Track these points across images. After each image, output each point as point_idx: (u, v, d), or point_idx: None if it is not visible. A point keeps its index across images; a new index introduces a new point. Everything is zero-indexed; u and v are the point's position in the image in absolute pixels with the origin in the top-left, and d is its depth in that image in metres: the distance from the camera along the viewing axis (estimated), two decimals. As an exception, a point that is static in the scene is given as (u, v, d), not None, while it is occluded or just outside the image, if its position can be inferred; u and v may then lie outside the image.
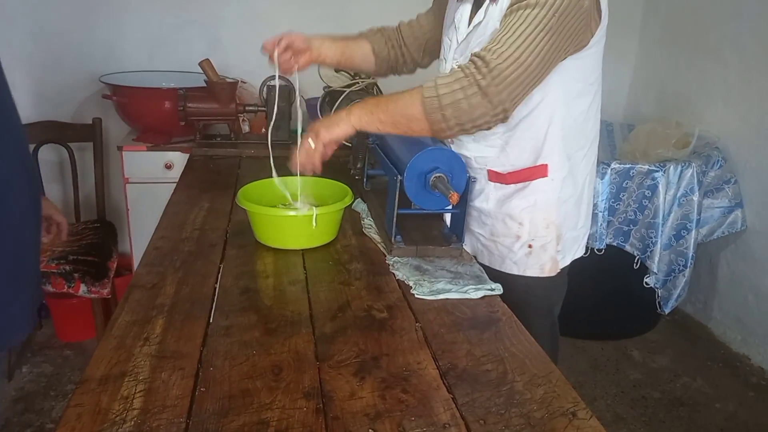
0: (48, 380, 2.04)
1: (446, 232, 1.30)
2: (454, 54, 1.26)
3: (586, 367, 2.25)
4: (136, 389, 0.78)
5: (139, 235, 2.17)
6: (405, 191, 1.19)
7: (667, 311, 2.24)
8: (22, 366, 2.08)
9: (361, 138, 1.59)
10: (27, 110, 2.28)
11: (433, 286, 1.10)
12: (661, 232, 2.12)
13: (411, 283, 1.11)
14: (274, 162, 1.36)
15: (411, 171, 1.18)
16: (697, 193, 2.16)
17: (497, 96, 1.02)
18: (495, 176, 1.25)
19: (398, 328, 0.96)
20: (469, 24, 1.22)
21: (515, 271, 1.27)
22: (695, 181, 2.14)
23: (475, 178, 1.25)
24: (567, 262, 1.30)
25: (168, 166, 2.15)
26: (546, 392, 0.81)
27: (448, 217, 1.34)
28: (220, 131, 2.29)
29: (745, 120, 2.34)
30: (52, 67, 2.36)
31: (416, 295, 1.07)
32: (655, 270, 2.15)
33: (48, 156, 2.35)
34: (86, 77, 2.34)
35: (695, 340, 2.48)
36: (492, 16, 1.14)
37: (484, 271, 1.18)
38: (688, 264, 2.19)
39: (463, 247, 1.27)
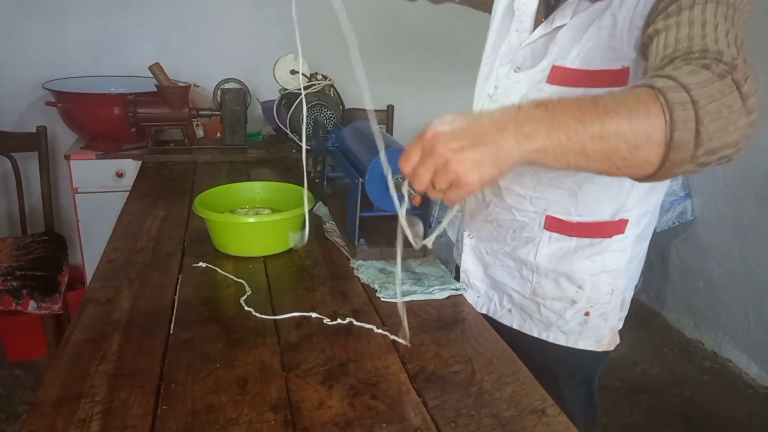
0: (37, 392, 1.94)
1: (409, 233, 1.30)
2: (513, 56, 0.96)
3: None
4: (93, 411, 0.74)
5: (90, 247, 2.09)
6: (367, 193, 1.18)
7: (624, 301, 2.30)
8: (-32, 389, 1.97)
9: (320, 141, 1.57)
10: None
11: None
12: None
13: (376, 287, 1.10)
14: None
15: (372, 173, 1.17)
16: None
17: (753, 103, 0.64)
18: (555, 225, 0.99)
19: (365, 333, 0.95)
20: (541, 18, 0.92)
21: (562, 341, 1.05)
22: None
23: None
24: (620, 326, 1.07)
25: (119, 175, 2.07)
26: (514, 390, 0.81)
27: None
28: (173, 137, 2.24)
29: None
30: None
31: (382, 298, 1.06)
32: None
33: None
34: (29, 84, 2.24)
35: (651, 328, 2.56)
36: (581, 25, 0.84)
37: (448, 271, 1.18)
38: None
39: (427, 248, 1.26)
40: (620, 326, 1.08)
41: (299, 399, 0.78)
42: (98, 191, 2.06)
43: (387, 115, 2.75)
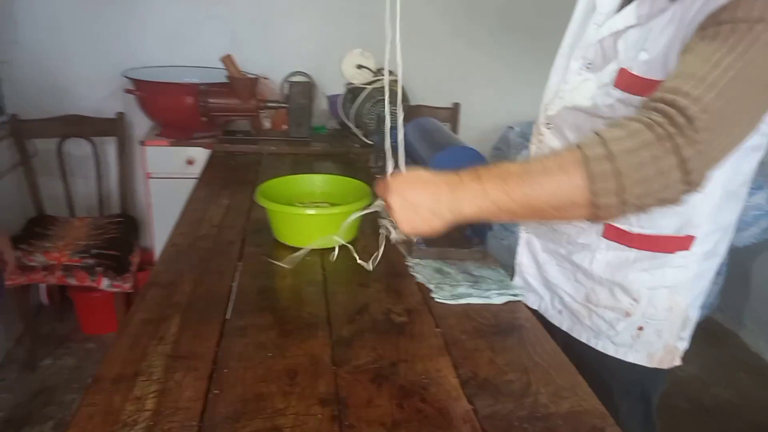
0: (70, 373, 2.05)
1: (468, 234, 1.27)
2: (586, 51, 0.92)
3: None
4: (149, 390, 0.76)
5: (161, 230, 2.17)
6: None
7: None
8: (44, 358, 2.09)
9: (382, 136, 1.56)
10: (50, 104, 2.29)
11: (455, 290, 1.06)
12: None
13: (431, 287, 1.08)
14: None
15: (433, 170, 1.15)
16: (730, 197, 2.08)
17: (698, 165, 0.66)
18: (614, 233, 0.94)
19: (418, 333, 0.93)
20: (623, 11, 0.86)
21: (611, 351, 1.00)
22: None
23: None
24: (686, 347, 1.02)
25: (189, 162, 2.14)
26: (572, 406, 0.77)
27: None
28: (241, 128, 2.29)
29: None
30: (76, 61, 2.37)
31: (436, 299, 1.04)
32: (685, 276, 2.08)
33: (72, 150, 2.37)
34: (109, 72, 2.35)
35: (726, 349, 2.40)
36: (652, 28, 0.81)
37: (507, 275, 1.14)
38: (722, 270, 2.12)
39: (487, 250, 1.23)
40: (686, 346, 1.01)
41: (347, 395, 0.77)
42: (169, 177, 2.14)
43: (453, 113, 2.71)
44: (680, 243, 0.92)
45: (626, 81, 0.84)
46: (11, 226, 2.06)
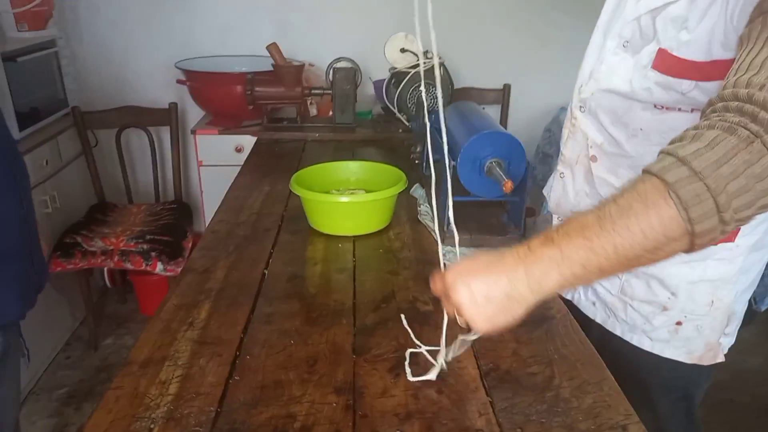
0: (129, 351, 2.16)
1: (505, 221, 1.24)
2: (623, 29, 0.86)
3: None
4: (174, 374, 0.79)
5: (212, 216, 2.23)
6: (459, 177, 1.14)
7: (762, 308, 2.03)
8: (107, 337, 2.22)
9: (421, 120, 1.54)
10: (111, 96, 2.40)
11: (485, 278, 1.04)
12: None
13: (461, 275, 1.06)
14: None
15: (465, 156, 1.13)
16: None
17: None
18: None
19: (442, 323, 0.92)
20: None
21: (647, 346, 0.96)
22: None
23: (563, 174, 1.01)
24: (732, 342, 0.97)
25: (238, 150, 2.19)
26: (595, 401, 0.74)
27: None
28: (289, 115, 2.32)
29: None
30: (133, 54, 2.47)
31: (465, 288, 1.02)
32: (749, 263, 1.95)
33: (130, 140, 2.48)
34: (164, 63, 2.43)
35: (796, 341, 2.25)
36: (693, 4, 0.74)
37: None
38: (789, 257, 1.98)
39: (522, 238, 1.19)
40: (731, 341, 0.95)
41: (364, 384, 0.77)
42: (220, 165, 2.19)
43: (503, 95, 2.64)
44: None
45: (665, 62, 0.78)
46: (76, 212, 2.18)
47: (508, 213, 1.26)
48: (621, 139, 0.88)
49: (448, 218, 1.19)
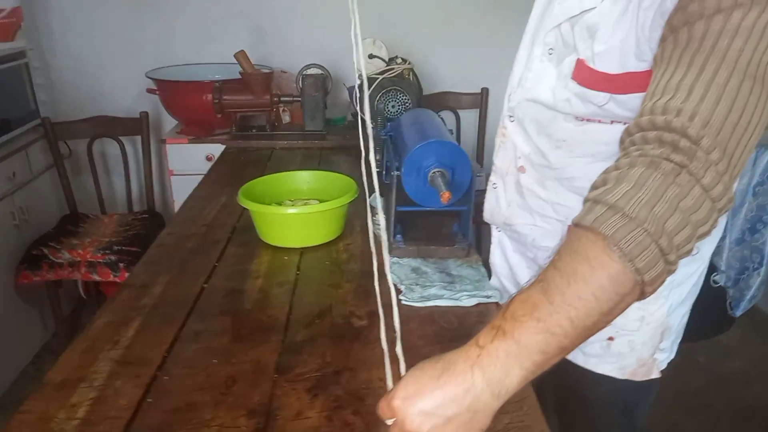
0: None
1: (454, 231, 1.21)
2: (547, 36, 0.83)
3: (644, 370, 2.07)
4: (87, 397, 0.77)
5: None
6: (403, 186, 1.12)
7: (738, 313, 2.00)
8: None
9: (379, 128, 1.52)
10: (86, 106, 2.39)
11: (425, 291, 1.02)
12: (731, 225, 1.89)
13: (403, 288, 1.04)
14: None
15: (409, 165, 1.11)
16: (776, 181, 1.90)
17: (723, 188, 0.54)
18: None
19: (374, 339, 0.90)
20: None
21: (580, 361, 0.93)
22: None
23: (496, 184, 0.99)
24: (671, 357, 0.94)
25: (209, 158, 2.18)
26: (511, 421, 0.72)
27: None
28: (260, 123, 2.30)
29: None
30: (108, 64, 2.46)
31: (403, 302, 1.00)
32: (723, 268, 1.93)
33: (105, 150, 2.46)
34: (139, 72, 2.42)
35: (776, 345, 2.22)
36: (607, 14, 0.71)
37: (486, 275, 1.08)
38: (765, 261, 1.94)
39: (472, 247, 1.17)
40: (669, 356, 0.92)
41: (279, 406, 0.75)
42: (190, 174, 2.17)
43: (481, 98, 2.62)
44: None
45: (582, 73, 0.76)
46: (46, 224, 2.17)
47: (458, 222, 1.24)
48: (546, 150, 0.86)
49: (393, 230, 1.17)
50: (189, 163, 2.20)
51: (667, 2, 0.63)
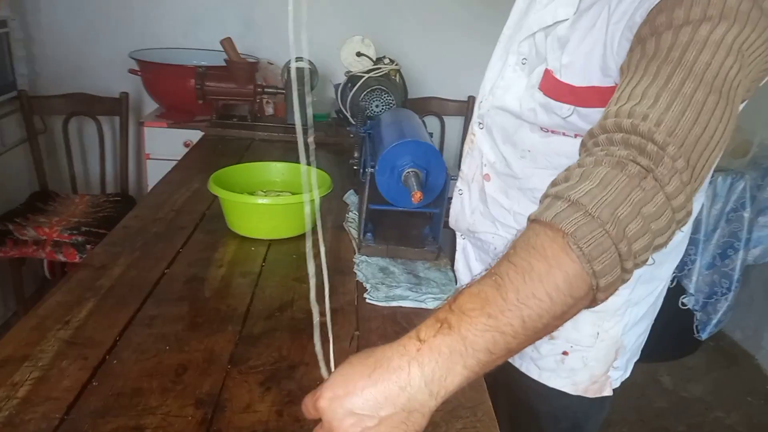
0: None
1: (425, 233, 1.20)
2: (521, 45, 0.82)
3: (608, 387, 2.08)
4: (29, 376, 0.74)
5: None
6: (377, 185, 1.10)
7: (704, 336, 2.03)
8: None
9: (359, 127, 1.51)
10: (66, 82, 2.34)
11: (391, 291, 1.00)
12: (702, 249, 1.91)
13: (368, 286, 1.02)
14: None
15: (383, 164, 1.09)
16: (748, 209, 1.93)
17: (685, 198, 0.53)
18: None
19: (334, 336, 0.88)
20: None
21: (534, 375, 0.92)
22: (747, 195, 1.91)
23: (462, 190, 0.99)
24: (625, 376, 0.93)
25: (187, 145, 2.14)
26: (464, 426, 0.71)
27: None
28: (243, 112, 2.27)
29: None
30: (92, 41, 2.41)
31: (368, 300, 0.98)
32: (692, 291, 1.95)
33: (82, 128, 2.41)
34: (124, 52, 2.37)
35: (738, 371, 2.24)
36: (578, 26, 0.71)
37: (453, 279, 1.07)
38: (733, 287, 1.97)
39: (441, 250, 1.16)
40: (624, 375, 0.92)
41: (229, 397, 0.73)
42: (167, 159, 2.13)
43: (467, 106, 2.62)
44: None
45: (548, 84, 0.76)
46: (16, 200, 2.11)
47: (429, 224, 1.23)
48: (511, 159, 0.85)
49: (363, 228, 1.16)
50: (166, 147, 2.16)
51: (636, 17, 0.63)
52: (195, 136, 2.15)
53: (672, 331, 2.22)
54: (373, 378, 0.50)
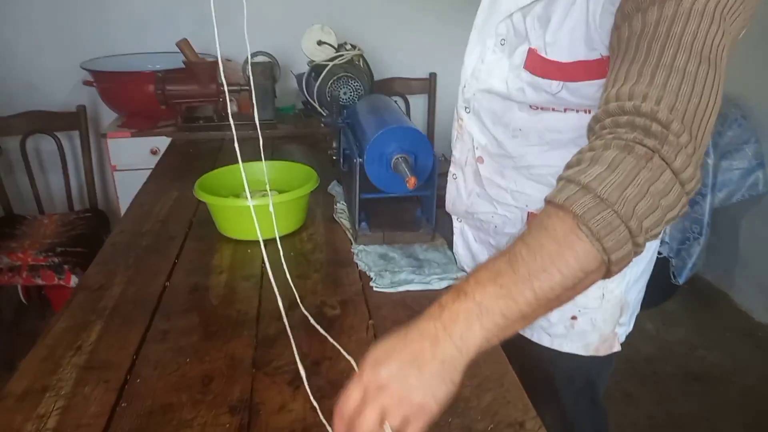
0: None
1: (418, 216, 1.22)
2: (498, 26, 0.84)
3: (596, 341, 2.16)
4: (54, 406, 0.73)
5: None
6: (366, 174, 1.11)
7: (681, 281, 2.12)
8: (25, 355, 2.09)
9: (333, 117, 1.51)
10: (17, 101, 2.25)
11: (395, 276, 1.02)
12: (672, 198, 1.99)
13: (372, 275, 1.04)
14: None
15: (371, 152, 1.10)
16: (712, 156, 2.01)
17: (693, 170, 0.57)
18: None
19: (348, 327, 0.90)
20: None
21: (546, 342, 0.96)
22: (710, 142, 1.98)
23: (456, 175, 1.01)
24: (629, 330, 0.98)
25: (154, 152, 2.10)
26: (494, 398, 0.73)
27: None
28: (207, 113, 2.23)
29: (766, 72, 2.15)
30: (40, 55, 2.32)
31: (375, 288, 0.99)
32: (666, 239, 2.03)
33: (39, 147, 2.33)
34: (74, 64, 2.29)
35: (715, 310, 2.35)
36: (557, 3, 0.73)
37: (453, 258, 1.10)
38: (704, 231, 2.06)
39: (435, 231, 1.18)
40: (628, 329, 0.97)
41: (261, 400, 0.74)
42: (135, 169, 2.09)
43: (429, 84, 2.64)
44: None
45: (534, 63, 0.77)
46: (-20, 227, 2.04)
47: (421, 207, 1.24)
48: (502, 139, 0.87)
49: (358, 218, 1.17)
50: (133, 157, 2.11)
51: None
52: (161, 142, 2.11)
53: (650, 280, 2.31)
54: (407, 339, 0.56)
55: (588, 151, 0.58)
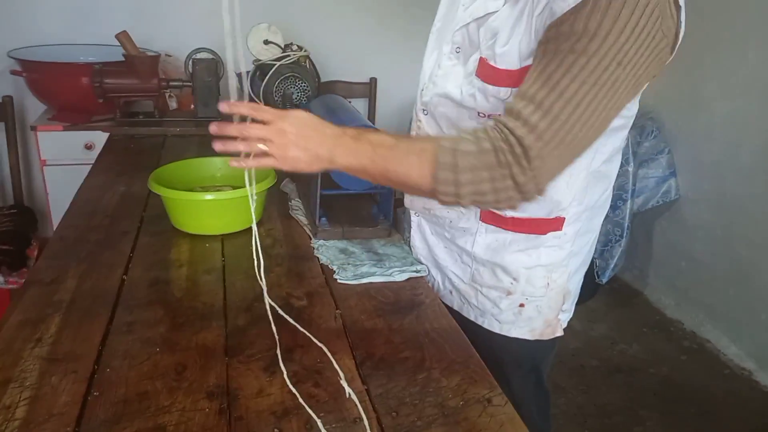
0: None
1: (374, 212, 1.26)
2: (454, 35, 0.90)
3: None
4: (20, 397, 0.71)
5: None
6: (328, 173, 1.14)
7: (604, 281, 2.28)
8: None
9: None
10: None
11: (358, 269, 1.06)
12: (598, 203, 2.14)
13: (335, 268, 1.06)
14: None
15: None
16: (632, 164, 2.18)
17: (532, 187, 0.75)
18: (490, 217, 0.96)
19: (317, 317, 0.92)
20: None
21: (496, 329, 1.03)
22: (630, 152, 2.16)
23: None
24: (570, 316, 1.06)
25: (89, 147, 2.02)
26: (462, 379, 0.78)
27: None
28: (145, 108, 2.17)
29: (678, 89, 2.37)
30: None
31: (339, 280, 1.02)
32: (592, 241, 2.18)
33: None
34: (1, 52, 2.16)
35: (632, 308, 2.54)
36: (507, 18, 0.81)
37: (410, 252, 1.15)
38: (624, 234, 2.23)
39: (392, 227, 1.23)
40: (569, 316, 1.06)
41: (238, 386, 0.75)
42: (67, 164, 2.01)
43: (370, 88, 2.69)
44: (552, 225, 0.94)
45: (484, 71, 0.84)
46: None
47: (378, 204, 1.29)
48: None
49: (317, 213, 1.19)
50: (65, 152, 2.02)
51: (556, 12, 0.73)
52: (96, 136, 2.03)
53: (576, 280, 2.47)
54: (316, 130, 0.80)
55: (482, 132, 0.77)
